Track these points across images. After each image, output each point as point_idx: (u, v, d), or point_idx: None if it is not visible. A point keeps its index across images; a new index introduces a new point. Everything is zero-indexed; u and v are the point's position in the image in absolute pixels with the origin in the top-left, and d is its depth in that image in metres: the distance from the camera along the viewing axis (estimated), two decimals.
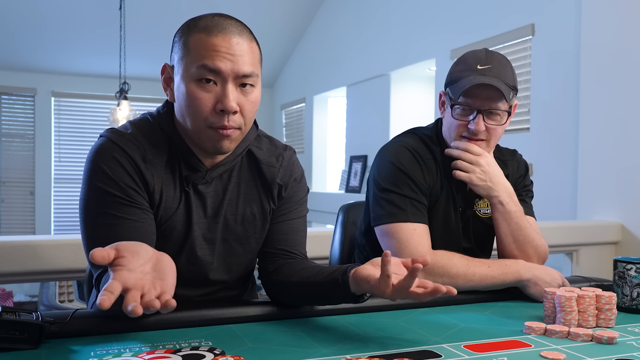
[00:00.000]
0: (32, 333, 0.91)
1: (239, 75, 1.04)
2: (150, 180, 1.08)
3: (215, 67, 1.02)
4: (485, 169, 1.41)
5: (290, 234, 1.24)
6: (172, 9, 5.90)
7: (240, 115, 1.06)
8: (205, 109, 1.03)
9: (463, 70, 1.40)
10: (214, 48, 1.02)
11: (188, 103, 1.04)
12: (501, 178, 1.43)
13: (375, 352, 0.94)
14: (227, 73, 1.03)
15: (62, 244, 1.79)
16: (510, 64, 1.42)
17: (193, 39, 1.04)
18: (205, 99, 1.03)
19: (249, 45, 1.06)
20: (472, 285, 1.34)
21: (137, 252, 0.83)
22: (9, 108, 6.93)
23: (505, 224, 1.42)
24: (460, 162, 1.41)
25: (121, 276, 0.78)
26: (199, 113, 1.04)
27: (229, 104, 1.02)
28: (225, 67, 1.02)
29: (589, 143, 2.98)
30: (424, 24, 4.59)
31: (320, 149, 6.53)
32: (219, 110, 1.03)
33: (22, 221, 7.01)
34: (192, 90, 1.03)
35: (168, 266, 0.85)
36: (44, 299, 3.98)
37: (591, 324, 1.12)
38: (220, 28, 1.03)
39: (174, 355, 0.89)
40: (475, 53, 1.42)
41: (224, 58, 1.02)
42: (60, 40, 6.25)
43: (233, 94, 1.03)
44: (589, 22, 2.99)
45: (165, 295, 0.79)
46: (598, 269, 2.75)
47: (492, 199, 1.42)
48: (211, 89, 1.03)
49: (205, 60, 1.02)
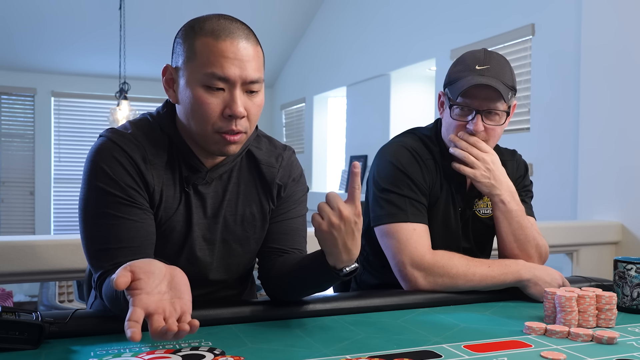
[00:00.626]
0: (32, 333, 0.91)
1: (247, 82, 1.04)
2: (151, 181, 1.08)
3: (225, 75, 1.02)
4: (490, 166, 1.40)
5: (289, 233, 1.24)
6: (172, 8, 5.90)
7: (246, 119, 1.06)
8: (213, 114, 1.03)
9: (461, 70, 1.40)
10: (223, 54, 1.02)
11: (195, 107, 1.04)
12: (504, 177, 1.43)
13: (375, 352, 0.94)
14: (235, 80, 1.03)
15: (62, 244, 1.79)
16: (509, 64, 1.42)
17: (199, 42, 1.03)
18: (214, 104, 1.03)
19: (255, 50, 1.06)
20: (472, 285, 1.34)
21: (151, 271, 0.83)
22: (9, 108, 6.93)
23: (506, 223, 1.42)
24: (467, 155, 1.39)
25: (141, 301, 0.79)
26: (207, 118, 1.04)
27: (238, 109, 1.03)
28: (234, 74, 1.02)
29: (589, 143, 2.97)
30: (424, 24, 4.59)
31: (320, 149, 6.53)
32: (227, 115, 1.03)
33: (22, 221, 7.00)
34: (199, 95, 1.03)
35: (182, 282, 0.87)
36: (44, 299, 3.97)
37: (591, 324, 1.12)
38: (228, 32, 1.03)
39: (174, 355, 0.89)
40: (473, 53, 1.42)
41: (232, 65, 1.02)
42: (60, 40, 6.25)
43: (241, 99, 1.04)
44: (589, 22, 2.99)
45: (186, 315, 0.81)
46: (598, 269, 2.75)
47: (493, 197, 1.41)
48: (219, 94, 1.03)
49: (214, 68, 1.01)
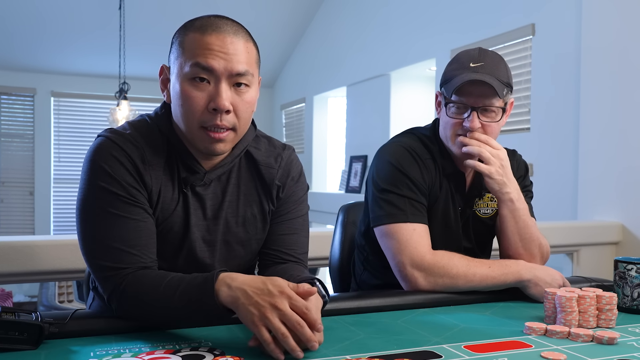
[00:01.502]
0: (32, 333, 0.91)
1: (233, 74, 1.03)
2: (148, 181, 1.08)
3: (208, 65, 1.01)
4: (504, 163, 1.41)
5: (288, 234, 1.23)
6: (171, 8, 5.90)
7: (234, 115, 1.05)
8: (198, 107, 1.03)
9: (456, 69, 1.40)
10: (207, 46, 1.02)
11: (181, 102, 1.04)
12: (512, 175, 1.43)
13: (376, 352, 0.93)
14: (220, 71, 1.02)
15: (61, 244, 1.79)
16: (503, 61, 1.42)
17: (188, 38, 1.04)
18: (198, 97, 1.03)
19: (245, 44, 1.05)
20: (472, 285, 1.34)
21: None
22: (9, 108, 6.93)
23: (513, 221, 1.42)
24: (483, 151, 1.37)
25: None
26: (192, 112, 1.03)
27: (222, 102, 1.02)
28: (219, 66, 1.02)
29: (589, 143, 2.97)
30: (424, 24, 4.59)
31: (320, 149, 6.53)
32: (211, 109, 1.03)
33: (22, 221, 7.00)
34: (185, 89, 1.03)
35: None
36: (44, 299, 3.97)
37: (592, 324, 1.12)
38: (215, 27, 1.03)
39: (174, 355, 0.89)
40: (468, 52, 1.43)
41: (216, 56, 1.02)
42: (59, 40, 6.25)
43: (226, 92, 1.03)
44: (590, 22, 2.99)
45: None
46: (598, 269, 2.75)
47: (503, 195, 1.41)
48: (204, 87, 1.03)
49: (199, 59, 1.02)
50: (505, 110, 1.42)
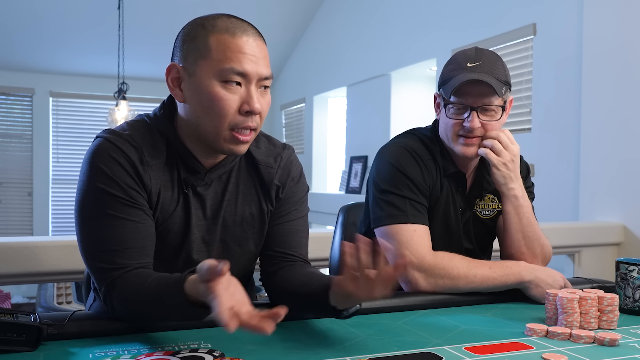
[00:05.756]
0: (30, 335, 0.91)
1: (262, 78, 1.06)
2: (148, 183, 1.07)
3: (243, 71, 1.03)
4: (515, 159, 1.41)
5: (290, 235, 1.23)
6: (170, 8, 5.89)
7: (259, 116, 1.08)
8: (230, 110, 1.04)
9: (453, 69, 1.40)
10: (240, 50, 1.03)
11: (210, 104, 1.04)
12: (519, 174, 1.44)
13: (376, 354, 0.93)
14: (252, 75, 1.04)
15: (60, 245, 1.79)
16: (501, 60, 1.42)
17: (214, 39, 1.03)
18: (231, 100, 1.04)
19: (265, 48, 1.08)
20: (473, 286, 1.34)
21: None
22: (7, 108, 6.92)
23: (517, 218, 1.41)
24: (495, 142, 1.39)
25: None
26: (224, 114, 1.04)
27: (255, 105, 1.04)
28: (252, 70, 1.04)
29: (590, 144, 2.97)
30: (424, 24, 4.59)
31: (320, 149, 6.52)
32: (244, 111, 1.04)
33: (20, 222, 6.99)
34: (216, 92, 1.03)
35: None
36: (42, 300, 3.96)
37: (593, 325, 1.11)
38: (243, 30, 1.05)
39: (173, 357, 0.88)
40: (464, 52, 1.43)
41: (250, 60, 1.04)
42: (58, 40, 6.24)
43: (257, 95, 1.05)
44: (591, 22, 2.99)
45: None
46: (600, 270, 2.74)
47: (508, 191, 1.41)
48: (236, 90, 1.04)
49: (232, 64, 1.03)
50: (505, 109, 1.42)
